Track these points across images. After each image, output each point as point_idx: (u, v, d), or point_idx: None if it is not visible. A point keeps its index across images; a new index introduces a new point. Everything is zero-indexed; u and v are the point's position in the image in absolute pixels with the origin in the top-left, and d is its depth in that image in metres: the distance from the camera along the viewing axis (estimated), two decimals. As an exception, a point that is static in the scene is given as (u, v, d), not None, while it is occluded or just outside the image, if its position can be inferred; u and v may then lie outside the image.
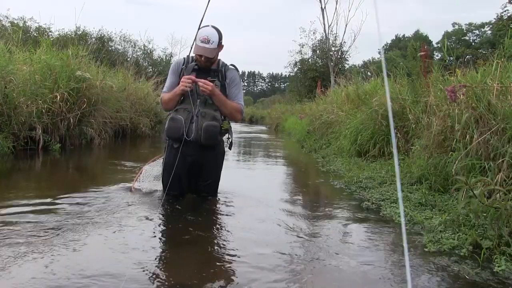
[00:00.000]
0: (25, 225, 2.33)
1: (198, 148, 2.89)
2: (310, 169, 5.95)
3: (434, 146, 3.56)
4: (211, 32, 2.83)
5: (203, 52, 2.83)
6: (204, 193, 3.11)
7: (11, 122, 5.15)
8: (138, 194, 3.22)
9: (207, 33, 2.82)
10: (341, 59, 19.75)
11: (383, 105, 5.32)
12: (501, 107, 2.89)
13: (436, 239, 2.31)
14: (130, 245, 2.12)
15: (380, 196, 3.42)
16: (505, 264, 1.92)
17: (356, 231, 2.60)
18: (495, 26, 23.22)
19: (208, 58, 2.87)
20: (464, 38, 41.64)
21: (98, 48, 10.79)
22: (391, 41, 54.85)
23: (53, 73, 6.23)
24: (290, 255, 2.08)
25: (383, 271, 1.92)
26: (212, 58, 2.91)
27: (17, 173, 4.34)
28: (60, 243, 2.06)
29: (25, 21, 15.31)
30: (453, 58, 4.35)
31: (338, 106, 8.12)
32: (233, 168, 5.42)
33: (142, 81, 11.33)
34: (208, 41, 2.80)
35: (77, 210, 2.70)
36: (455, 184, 2.63)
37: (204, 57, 2.86)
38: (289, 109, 18.82)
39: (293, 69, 23.07)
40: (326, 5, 17.96)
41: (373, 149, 5.27)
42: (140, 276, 1.75)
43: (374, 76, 7.77)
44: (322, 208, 3.33)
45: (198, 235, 2.38)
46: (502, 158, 2.63)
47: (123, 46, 19.61)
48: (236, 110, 3.01)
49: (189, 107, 2.89)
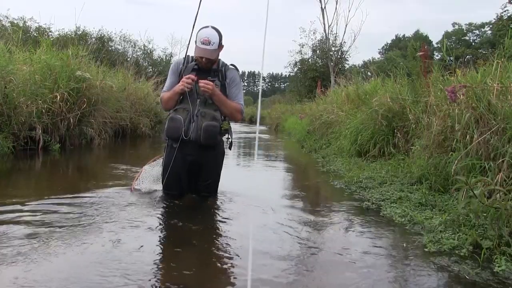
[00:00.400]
0: (24, 225, 2.33)
1: (198, 148, 2.88)
2: (310, 169, 5.95)
3: (434, 146, 3.56)
4: (211, 33, 2.82)
5: (204, 54, 2.82)
6: (204, 193, 3.11)
7: (11, 122, 5.15)
8: (138, 194, 3.22)
9: (208, 35, 2.81)
10: (341, 59, 19.74)
11: (383, 105, 5.32)
12: (501, 107, 2.89)
13: (436, 239, 2.31)
14: (130, 245, 2.12)
15: (380, 196, 3.42)
16: (505, 264, 1.92)
17: (356, 231, 2.60)
18: (495, 26, 23.21)
19: (209, 59, 2.87)
20: (464, 38, 41.64)
21: (98, 48, 10.81)
22: (391, 41, 54.86)
23: (53, 73, 6.23)
24: (290, 255, 2.08)
25: (383, 271, 1.92)
26: (213, 59, 2.91)
27: (17, 173, 4.34)
28: (60, 243, 2.06)
29: (25, 21, 15.32)
30: (453, 58, 4.35)
31: (338, 106, 8.11)
32: (233, 168, 5.42)
33: (142, 81, 11.32)
34: (208, 43, 2.79)
35: (77, 210, 2.69)
36: (455, 184, 2.63)
37: (205, 58, 2.86)
38: (289, 109, 18.82)
39: (293, 69, 23.08)
40: (326, 5, 17.99)
41: (373, 149, 5.27)
42: (140, 276, 1.75)
43: (374, 76, 7.77)
44: (322, 207, 3.33)
45: (198, 235, 2.38)
46: (502, 158, 2.63)
47: (123, 46, 19.62)
48: (236, 110, 3.00)
49: (189, 106, 2.89)
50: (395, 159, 4.61)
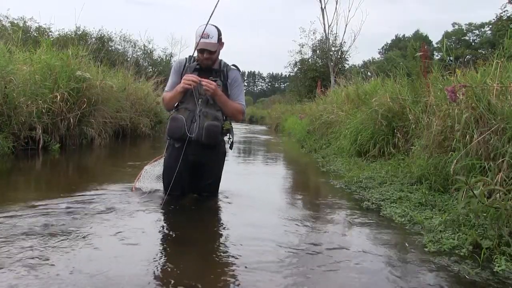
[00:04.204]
0: (24, 225, 2.33)
1: (199, 147, 2.89)
2: (310, 169, 5.95)
3: (434, 146, 3.56)
4: (209, 28, 2.88)
5: (205, 46, 2.84)
6: (205, 192, 3.12)
7: (11, 122, 5.15)
8: (139, 194, 3.22)
9: (206, 29, 2.86)
10: (341, 59, 19.73)
11: (383, 105, 5.32)
12: (501, 107, 2.89)
13: (436, 239, 2.31)
14: (130, 245, 2.12)
15: (380, 196, 3.43)
16: (505, 264, 1.93)
17: (356, 231, 2.61)
18: (494, 27, 23.23)
19: (210, 53, 2.88)
20: (464, 38, 41.68)
21: (98, 48, 10.80)
22: (391, 41, 54.92)
23: (53, 73, 6.23)
24: (290, 255, 2.08)
25: (383, 271, 1.92)
26: (214, 55, 2.92)
27: (17, 173, 4.34)
28: (60, 243, 2.06)
29: (25, 21, 15.34)
30: (453, 58, 4.35)
31: (338, 106, 8.12)
32: (234, 168, 5.42)
33: (142, 81, 11.32)
34: (207, 36, 2.85)
35: (77, 210, 2.69)
36: (455, 184, 2.63)
37: (206, 52, 2.87)
38: (289, 109, 18.83)
39: (293, 69, 23.07)
40: (326, 5, 17.99)
41: (373, 149, 5.27)
42: (140, 276, 1.75)
43: (374, 76, 7.78)
44: (322, 207, 3.33)
45: (198, 235, 2.39)
46: (502, 158, 2.64)
47: (123, 46, 19.66)
48: (237, 111, 3.01)
49: (190, 106, 2.90)
50: (395, 159, 4.62)
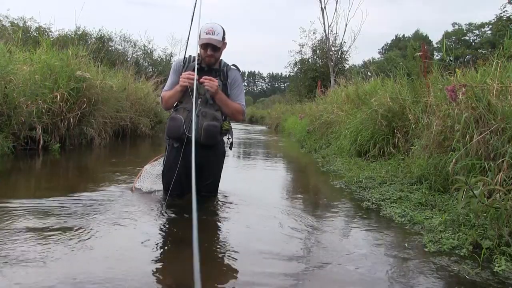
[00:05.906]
0: (24, 225, 2.33)
1: (198, 147, 2.88)
2: (310, 169, 5.95)
3: (434, 146, 3.56)
4: (215, 25, 2.91)
5: (210, 41, 2.85)
6: (204, 192, 3.11)
7: (11, 122, 5.15)
8: (139, 194, 3.22)
9: (212, 26, 2.89)
10: (341, 59, 19.74)
11: (383, 105, 5.32)
12: (501, 107, 2.89)
13: (436, 239, 2.31)
14: (130, 245, 2.12)
15: (380, 196, 3.42)
16: (505, 264, 1.93)
17: (356, 231, 2.61)
18: (494, 27, 23.23)
19: (213, 50, 2.88)
20: (464, 38, 41.67)
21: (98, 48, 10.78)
22: (391, 41, 54.91)
23: (53, 73, 6.22)
24: (290, 255, 2.08)
25: (383, 270, 1.92)
26: (217, 52, 2.92)
27: (17, 173, 4.34)
28: (59, 244, 2.06)
29: (25, 21, 15.34)
30: (453, 58, 4.36)
31: (338, 106, 8.12)
32: (233, 168, 5.42)
33: (142, 81, 11.31)
34: (213, 32, 2.87)
35: (77, 210, 2.69)
36: (455, 184, 2.63)
37: (210, 48, 2.87)
38: (289, 109, 18.82)
39: (293, 69, 23.10)
40: (326, 5, 18.00)
41: (373, 149, 5.27)
42: (140, 276, 1.75)
43: (374, 76, 7.78)
44: (322, 208, 3.33)
45: (198, 235, 2.38)
46: (502, 158, 2.63)
47: (123, 46, 19.66)
48: (237, 111, 3.01)
49: (189, 106, 2.89)
50: (395, 159, 4.62)
